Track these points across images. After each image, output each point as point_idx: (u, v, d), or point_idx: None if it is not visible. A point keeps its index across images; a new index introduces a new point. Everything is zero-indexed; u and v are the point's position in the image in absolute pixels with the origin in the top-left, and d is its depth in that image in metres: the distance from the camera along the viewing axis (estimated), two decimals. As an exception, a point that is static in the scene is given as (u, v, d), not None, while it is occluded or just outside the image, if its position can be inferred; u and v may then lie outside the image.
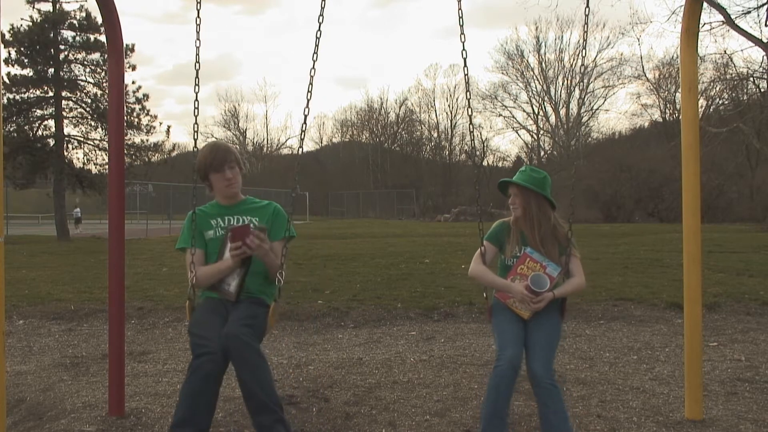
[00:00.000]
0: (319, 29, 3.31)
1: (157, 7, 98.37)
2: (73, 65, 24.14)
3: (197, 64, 3.30)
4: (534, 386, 3.05)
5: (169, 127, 28.58)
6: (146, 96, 25.07)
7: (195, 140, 3.45)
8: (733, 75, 24.22)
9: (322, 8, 3.33)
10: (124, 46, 4.21)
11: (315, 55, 3.27)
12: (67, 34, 23.76)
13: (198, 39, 3.32)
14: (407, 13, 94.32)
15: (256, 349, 2.91)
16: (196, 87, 3.33)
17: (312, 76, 3.29)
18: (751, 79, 23.87)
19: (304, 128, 3.39)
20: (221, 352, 2.87)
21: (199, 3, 3.34)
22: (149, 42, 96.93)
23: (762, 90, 25.54)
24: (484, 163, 55.39)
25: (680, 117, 3.94)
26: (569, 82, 51.28)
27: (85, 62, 24.09)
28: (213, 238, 3.29)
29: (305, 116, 3.30)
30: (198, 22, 3.33)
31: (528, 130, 55.51)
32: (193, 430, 2.82)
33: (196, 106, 3.36)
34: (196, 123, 3.40)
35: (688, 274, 3.78)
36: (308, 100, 3.30)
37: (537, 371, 3.02)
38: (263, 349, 3.06)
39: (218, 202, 3.36)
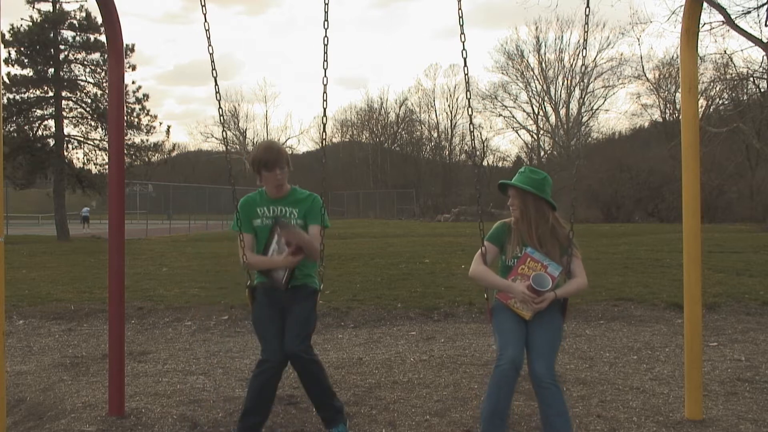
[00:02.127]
0: (325, 35, 3.40)
1: (158, 8, 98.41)
2: (73, 65, 24.15)
3: (214, 72, 3.58)
4: (536, 387, 3.05)
5: (169, 127, 28.64)
6: (146, 96, 25.11)
7: (225, 144, 3.56)
8: (733, 75, 24.21)
9: (326, 13, 3.37)
10: (124, 46, 4.22)
11: (325, 63, 3.44)
12: (67, 34, 23.80)
13: (210, 45, 3.56)
14: (407, 13, 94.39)
15: (315, 362, 3.42)
16: (217, 96, 3.63)
17: (325, 85, 3.47)
18: (751, 79, 23.87)
19: (323, 136, 3.68)
20: (282, 359, 3.34)
21: (204, 6, 3.36)
22: (150, 42, 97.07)
23: (762, 90, 25.54)
24: (484, 163, 55.39)
25: (680, 117, 3.95)
26: (569, 82, 51.26)
27: (85, 62, 24.10)
28: (260, 225, 3.60)
29: (323, 124, 3.67)
30: (207, 27, 3.48)
31: (528, 130, 55.48)
32: (259, 418, 3.40)
33: (219, 106, 3.64)
34: (222, 119, 3.45)
35: (688, 274, 3.78)
36: (324, 110, 3.56)
37: (539, 372, 3.01)
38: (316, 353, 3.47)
39: (266, 192, 3.64)
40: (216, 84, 3.60)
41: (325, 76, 3.45)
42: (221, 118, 3.78)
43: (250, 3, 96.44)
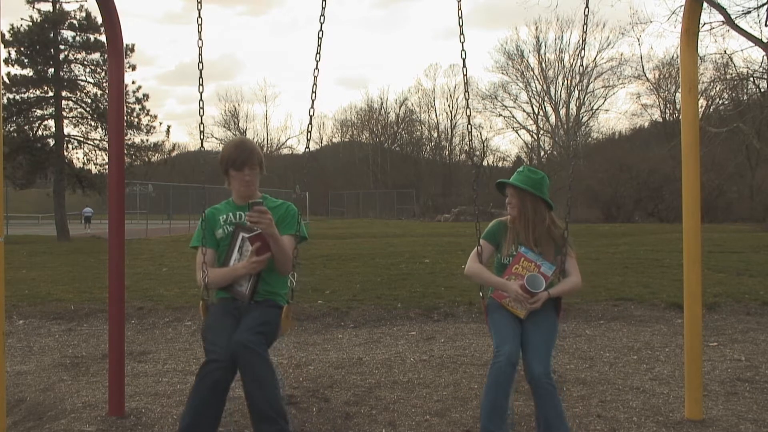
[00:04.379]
0: (320, 29, 3.30)
1: (160, 8, 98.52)
2: (73, 65, 24.14)
3: (200, 64, 3.33)
4: (532, 386, 3.06)
5: (169, 127, 28.68)
6: (146, 96, 25.10)
7: (202, 141, 3.51)
8: (733, 75, 24.20)
9: (323, 8, 3.34)
10: (124, 46, 4.21)
11: (318, 56, 3.24)
12: (67, 34, 23.80)
13: (200, 39, 3.35)
14: (407, 13, 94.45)
15: (264, 359, 2.87)
16: (201, 87, 3.37)
17: (315, 77, 3.25)
18: (751, 79, 23.87)
19: (309, 135, 3.40)
20: (230, 359, 2.85)
21: (200, 3, 3.35)
22: (151, 42, 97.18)
23: (762, 90, 25.54)
24: (484, 163, 55.43)
25: (680, 117, 3.95)
26: (569, 82, 51.25)
27: (85, 62, 24.09)
28: (223, 235, 3.27)
29: (310, 117, 3.31)
30: (199, 23, 3.36)
31: (528, 130, 55.49)
32: None
33: (201, 106, 3.38)
34: (201, 123, 3.41)
35: (688, 274, 3.78)
36: (312, 100, 3.30)
37: (535, 371, 3.03)
38: (272, 357, 3.01)
39: (233, 200, 3.34)
40: (201, 77, 3.30)
41: (317, 68, 3.22)
42: (201, 110, 3.35)
43: (252, 3, 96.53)
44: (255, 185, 3.26)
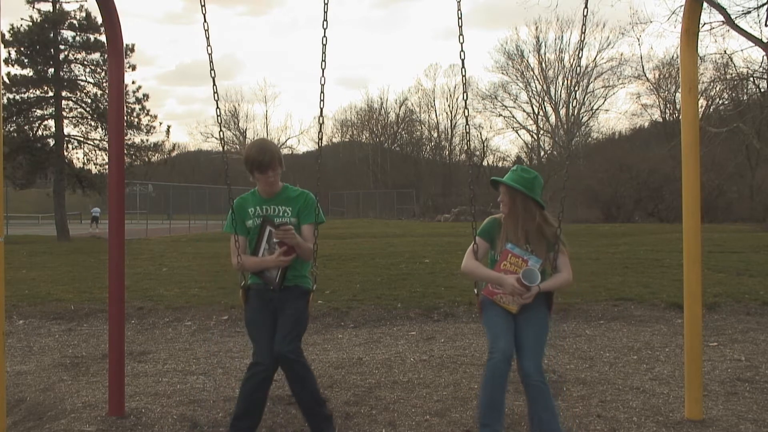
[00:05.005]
0: (324, 35, 3.40)
1: (160, 8, 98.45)
2: (73, 65, 24.13)
3: (212, 71, 3.59)
4: (524, 384, 3.11)
5: (169, 127, 28.61)
6: (146, 96, 25.08)
7: (223, 148, 3.55)
8: (733, 75, 24.18)
9: (325, 13, 3.37)
10: (124, 46, 4.22)
11: (323, 63, 3.47)
12: (67, 34, 23.78)
13: (209, 45, 3.56)
14: (407, 13, 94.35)
15: (302, 364, 3.35)
16: (215, 95, 3.64)
17: (322, 84, 3.52)
18: (751, 79, 23.85)
19: (320, 144, 3.54)
20: (272, 360, 3.31)
21: (203, 6, 3.35)
22: (152, 42, 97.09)
23: (762, 90, 25.52)
24: (484, 163, 55.35)
25: (680, 117, 3.95)
26: (569, 82, 51.21)
27: (85, 62, 24.08)
28: (252, 226, 3.57)
29: (320, 124, 3.67)
30: (206, 27, 3.46)
31: (528, 130, 55.42)
32: (250, 422, 3.37)
33: (218, 113, 3.59)
34: (220, 130, 3.43)
35: (688, 274, 3.78)
36: (321, 109, 3.59)
37: (527, 369, 3.08)
38: (306, 357, 3.42)
39: (259, 192, 3.61)
40: (214, 84, 3.57)
41: (323, 76, 3.47)
42: (219, 117, 3.69)
43: (252, 3, 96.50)
44: (278, 182, 3.58)
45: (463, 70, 3.44)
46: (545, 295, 3.33)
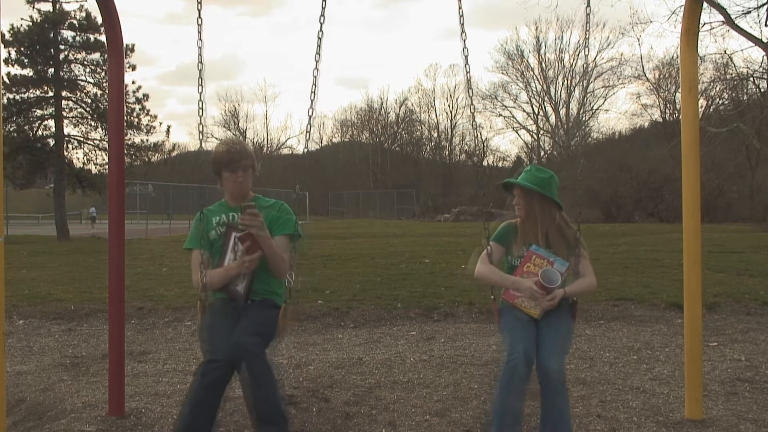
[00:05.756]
0: (320, 29, 3.33)
1: (161, 8, 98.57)
2: (73, 65, 24.14)
3: (200, 65, 3.33)
4: (543, 384, 2.95)
5: (169, 127, 28.67)
6: (146, 96, 25.11)
7: (201, 140, 3.49)
8: (733, 75, 24.20)
9: (323, 8, 3.35)
10: (124, 46, 4.21)
11: (318, 56, 3.27)
12: (67, 34, 23.80)
13: (199, 39, 3.34)
14: (407, 13, 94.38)
15: (262, 361, 2.87)
16: (200, 87, 3.35)
17: (315, 77, 3.28)
18: (751, 79, 23.87)
19: (308, 136, 3.42)
20: (228, 360, 2.86)
21: (200, 3, 3.35)
22: (153, 42, 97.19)
23: (762, 90, 25.53)
24: (484, 163, 55.37)
25: (680, 117, 3.94)
26: (569, 82, 51.24)
27: (85, 62, 24.09)
28: (216, 237, 3.26)
29: (310, 117, 3.34)
30: (199, 23, 3.35)
31: (528, 130, 55.48)
32: None
33: (201, 106, 3.37)
34: (201, 123, 3.39)
35: (688, 274, 3.78)
36: (312, 101, 3.33)
37: (550, 369, 2.92)
38: (271, 357, 2.99)
39: (226, 201, 3.33)
40: (200, 77, 3.31)
41: (317, 68, 3.24)
42: (201, 111, 3.34)
43: (253, 4, 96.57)
44: (248, 186, 3.25)
45: (467, 67, 3.43)
46: (568, 301, 3.21)
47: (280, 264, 3.13)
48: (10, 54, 23.04)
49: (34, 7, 23.25)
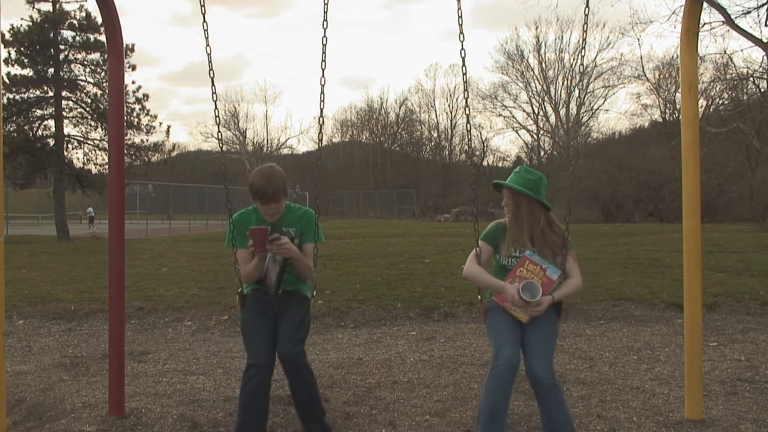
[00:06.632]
0: (324, 35, 3.41)
1: (166, 9, 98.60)
2: (73, 65, 24.12)
3: (211, 72, 3.59)
4: (535, 388, 3.03)
5: (169, 127, 28.51)
6: (146, 96, 25.07)
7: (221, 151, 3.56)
8: (733, 75, 24.20)
9: (325, 13, 3.39)
10: (124, 46, 4.22)
11: (323, 63, 3.49)
12: (67, 34, 23.76)
13: (207, 45, 3.57)
14: (408, 14, 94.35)
15: (306, 366, 3.29)
16: (214, 95, 3.63)
17: (322, 85, 3.54)
18: (751, 79, 23.85)
19: (320, 144, 3.49)
20: (267, 362, 3.24)
21: (203, 7, 3.36)
22: (157, 42, 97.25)
23: (762, 90, 25.52)
24: (484, 163, 55.33)
25: (680, 117, 3.95)
26: (569, 82, 51.22)
27: (85, 62, 24.07)
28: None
29: (320, 125, 3.72)
30: (205, 27, 3.48)
31: (528, 130, 55.42)
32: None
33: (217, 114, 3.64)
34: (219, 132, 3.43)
35: (688, 274, 3.78)
36: (321, 110, 3.62)
37: (538, 373, 2.99)
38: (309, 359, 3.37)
39: (263, 215, 3.55)
40: (213, 84, 3.55)
41: (323, 76, 3.47)
42: (217, 119, 3.65)
43: (258, 6, 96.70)
44: (280, 213, 3.51)
45: (464, 68, 3.44)
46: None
47: (306, 270, 3.48)
48: (10, 54, 23.02)
49: (34, 7, 23.25)
